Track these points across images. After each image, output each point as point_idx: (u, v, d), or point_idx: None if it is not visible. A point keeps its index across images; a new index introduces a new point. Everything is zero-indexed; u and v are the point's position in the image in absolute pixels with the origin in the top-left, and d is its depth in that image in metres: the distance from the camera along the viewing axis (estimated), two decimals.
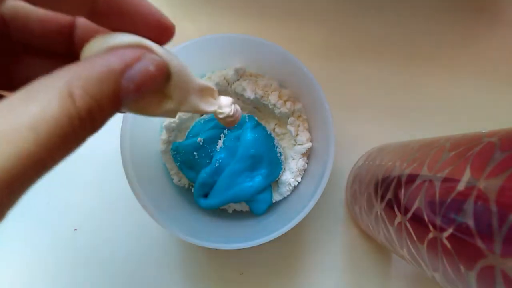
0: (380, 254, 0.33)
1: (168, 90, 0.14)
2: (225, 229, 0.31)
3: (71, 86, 0.11)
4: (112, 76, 0.11)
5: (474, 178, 0.14)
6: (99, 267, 0.33)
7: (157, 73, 0.13)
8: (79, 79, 0.11)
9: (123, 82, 0.12)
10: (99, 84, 0.11)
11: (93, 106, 0.11)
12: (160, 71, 0.13)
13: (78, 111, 0.11)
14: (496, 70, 0.36)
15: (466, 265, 0.14)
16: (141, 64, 0.12)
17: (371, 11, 0.36)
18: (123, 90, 0.12)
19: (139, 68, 0.12)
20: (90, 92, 0.11)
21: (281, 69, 0.30)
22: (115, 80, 0.11)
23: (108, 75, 0.11)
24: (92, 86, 0.11)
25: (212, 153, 0.31)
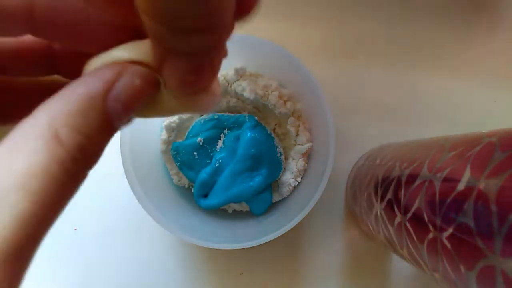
0: (380, 254, 0.33)
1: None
2: (225, 229, 0.31)
3: (54, 127, 0.09)
4: (95, 103, 0.10)
5: (474, 178, 0.14)
6: (99, 267, 0.33)
7: (144, 85, 0.11)
8: (61, 116, 0.10)
9: (108, 105, 0.10)
10: (84, 115, 0.10)
11: (84, 141, 0.10)
12: (147, 82, 0.11)
13: (68, 152, 0.09)
14: (496, 70, 0.36)
15: (466, 265, 0.14)
16: (123, 80, 0.11)
17: (371, 11, 0.36)
18: (111, 113, 0.10)
19: (122, 85, 0.11)
20: (77, 128, 0.10)
21: (281, 69, 0.30)
22: (99, 105, 0.10)
23: (91, 103, 0.10)
24: (77, 120, 0.10)
25: (212, 153, 0.31)
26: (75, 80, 0.11)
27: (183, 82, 0.11)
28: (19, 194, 0.09)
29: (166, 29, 0.09)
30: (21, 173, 0.09)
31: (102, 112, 0.10)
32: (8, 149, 0.09)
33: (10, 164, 0.09)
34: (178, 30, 0.09)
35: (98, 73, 0.11)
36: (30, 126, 0.10)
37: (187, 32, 0.10)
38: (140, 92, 0.11)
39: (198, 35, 0.10)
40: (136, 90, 0.11)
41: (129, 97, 0.11)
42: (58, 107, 0.10)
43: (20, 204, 0.09)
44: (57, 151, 0.09)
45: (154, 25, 0.09)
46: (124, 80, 0.11)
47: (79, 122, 0.10)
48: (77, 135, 0.10)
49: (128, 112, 0.11)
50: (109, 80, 0.11)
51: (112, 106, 0.10)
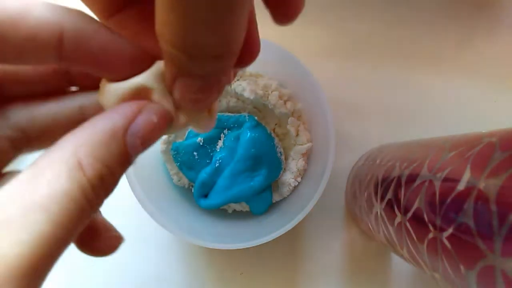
0: (380, 254, 0.33)
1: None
2: (225, 229, 0.31)
3: (77, 156, 0.10)
4: (116, 136, 0.11)
5: (474, 178, 0.14)
6: (99, 267, 0.33)
7: (161, 122, 0.12)
8: (85, 146, 0.10)
9: (128, 139, 0.11)
10: (107, 148, 0.11)
11: (104, 171, 0.11)
12: (163, 119, 0.12)
13: (90, 180, 0.10)
14: (497, 70, 0.36)
15: (466, 265, 0.14)
16: (143, 117, 0.12)
17: (371, 11, 0.36)
18: (129, 147, 0.11)
19: (142, 122, 0.12)
20: (99, 159, 0.10)
21: (281, 69, 0.30)
22: (120, 139, 0.11)
23: (113, 136, 0.11)
24: (100, 151, 0.11)
25: (212, 153, 0.31)
26: (99, 114, 0.12)
27: (192, 99, 0.12)
28: (40, 214, 0.09)
29: (183, 53, 0.10)
30: (45, 195, 0.09)
31: (123, 145, 0.11)
32: (34, 173, 0.10)
33: (35, 187, 0.10)
34: (193, 56, 0.10)
35: (120, 108, 0.12)
36: (55, 153, 0.10)
37: (203, 58, 0.11)
38: (157, 128, 0.12)
39: (211, 60, 0.11)
40: (153, 127, 0.12)
41: (147, 133, 0.12)
42: (82, 138, 0.11)
43: (41, 225, 0.09)
44: (79, 178, 0.10)
45: (171, 49, 0.10)
46: (144, 117, 0.12)
47: (102, 153, 0.11)
48: (99, 165, 0.10)
49: (144, 146, 0.12)
50: (130, 116, 0.11)
51: (131, 141, 0.11)
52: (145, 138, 0.12)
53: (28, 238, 0.09)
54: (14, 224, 0.09)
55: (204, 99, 0.12)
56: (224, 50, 0.10)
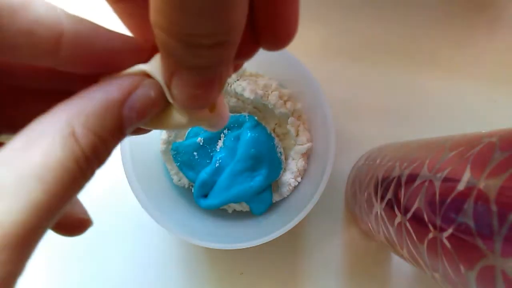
0: (380, 254, 0.33)
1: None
2: (225, 229, 0.31)
3: (72, 125, 0.10)
4: (113, 108, 0.11)
5: (474, 178, 0.14)
6: (99, 267, 0.33)
7: (157, 97, 0.12)
8: (79, 116, 0.10)
9: (124, 112, 0.11)
10: (101, 119, 0.11)
11: (97, 143, 0.11)
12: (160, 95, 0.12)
13: (83, 151, 0.10)
14: (496, 70, 0.36)
15: (466, 265, 0.14)
16: (140, 91, 0.12)
17: (371, 11, 0.36)
18: (125, 119, 0.11)
19: (139, 95, 0.11)
20: (93, 129, 0.10)
21: (281, 69, 0.30)
22: (116, 112, 0.11)
23: (109, 108, 0.11)
24: (94, 122, 0.10)
25: (212, 153, 0.31)
26: (94, 85, 0.11)
27: (191, 96, 0.12)
28: (35, 183, 0.09)
29: (179, 42, 0.10)
30: (39, 164, 0.09)
31: (117, 117, 0.11)
32: (26, 140, 0.10)
33: (28, 155, 0.09)
34: (190, 44, 0.10)
35: (117, 81, 0.12)
36: (49, 122, 0.10)
37: (199, 46, 0.10)
38: (153, 104, 0.12)
39: (209, 50, 0.10)
40: (150, 102, 0.12)
41: (143, 107, 0.12)
42: (77, 107, 0.10)
43: (35, 193, 0.09)
44: (73, 148, 0.10)
45: (166, 38, 0.10)
46: (141, 91, 0.12)
47: (96, 124, 0.10)
48: (93, 136, 0.10)
49: (139, 120, 0.12)
50: (127, 89, 0.11)
51: (126, 114, 0.11)
52: (141, 112, 0.12)
53: (23, 206, 0.09)
54: (8, 192, 0.09)
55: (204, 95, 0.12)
56: (222, 37, 0.10)
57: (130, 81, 0.12)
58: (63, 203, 0.10)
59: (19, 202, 0.09)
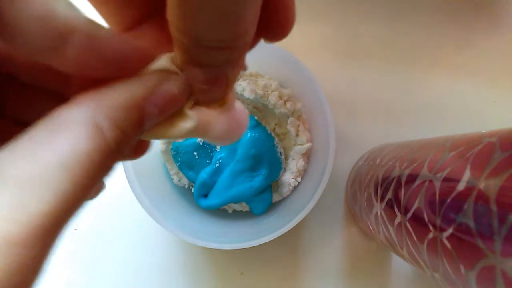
0: (380, 254, 0.33)
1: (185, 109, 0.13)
2: (225, 229, 0.31)
3: (97, 118, 0.10)
4: (136, 103, 0.11)
5: (474, 178, 0.14)
6: (99, 267, 0.33)
7: (180, 96, 0.12)
8: (105, 109, 0.10)
9: (147, 108, 0.11)
10: (125, 113, 0.11)
11: (121, 136, 0.11)
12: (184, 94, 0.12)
13: (108, 143, 0.10)
14: (496, 70, 0.36)
15: (466, 265, 0.14)
16: (164, 88, 0.12)
17: (372, 12, 0.36)
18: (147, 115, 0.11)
19: (163, 91, 0.12)
20: (118, 123, 0.10)
21: (281, 69, 0.30)
22: (140, 106, 0.11)
23: (133, 103, 0.11)
24: (119, 116, 0.11)
25: (212, 153, 0.31)
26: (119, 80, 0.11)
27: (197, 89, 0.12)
28: (62, 174, 0.09)
29: (190, 42, 0.10)
30: (66, 155, 0.09)
31: (141, 112, 0.11)
32: (50, 131, 0.10)
33: (54, 146, 0.09)
34: (200, 45, 0.10)
35: (143, 77, 0.12)
36: (73, 113, 0.10)
37: (211, 48, 0.11)
38: (175, 101, 0.12)
39: (217, 51, 0.11)
40: (173, 99, 0.12)
41: (166, 104, 0.12)
42: (102, 100, 0.11)
43: (63, 184, 0.09)
44: (99, 141, 0.10)
45: (181, 37, 0.10)
46: (165, 88, 0.12)
47: (121, 117, 0.11)
48: (117, 129, 0.10)
49: (159, 117, 0.12)
50: (152, 85, 0.11)
51: (149, 110, 0.11)
52: (163, 109, 0.12)
53: (52, 196, 0.09)
54: (37, 182, 0.09)
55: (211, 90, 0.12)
56: (232, 42, 0.10)
57: (155, 77, 0.12)
58: (87, 194, 0.10)
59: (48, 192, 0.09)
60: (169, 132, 0.13)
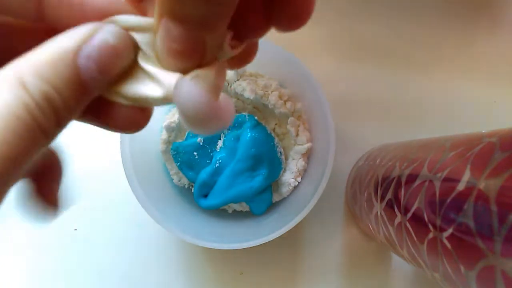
0: (380, 254, 0.33)
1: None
2: (225, 229, 0.31)
3: (20, 73, 0.10)
4: (65, 56, 0.10)
5: (474, 178, 0.14)
6: (99, 267, 0.33)
7: (118, 45, 0.11)
8: (28, 65, 0.10)
9: (80, 61, 0.10)
10: (52, 67, 0.10)
11: (50, 92, 0.10)
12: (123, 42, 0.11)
13: (33, 98, 0.09)
14: (496, 70, 0.36)
15: (466, 265, 0.14)
16: (97, 37, 0.10)
17: (372, 12, 0.36)
18: (83, 70, 0.10)
19: (95, 42, 0.10)
20: (43, 76, 0.10)
21: (281, 69, 0.30)
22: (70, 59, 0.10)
23: (61, 55, 0.10)
24: (44, 69, 0.10)
25: (212, 153, 0.31)
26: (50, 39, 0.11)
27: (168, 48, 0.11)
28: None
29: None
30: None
31: (72, 66, 0.10)
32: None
33: None
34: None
35: (73, 30, 0.11)
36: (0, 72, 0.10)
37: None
38: (113, 52, 0.11)
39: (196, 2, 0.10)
40: (109, 49, 0.11)
41: (102, 56, 0.10)
42: (27, 58, 0.10)
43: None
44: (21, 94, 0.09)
45: None
46: (98, 37, 0.10)
47: (46, 71, 0.10)
48: (43, 83, 0.10)
49: (102, 72, 0.11)
50: (83, 36, 0.10)
51: (84, 63, 0.10)
52: (101, 62, 0.10)
53: None
54: None
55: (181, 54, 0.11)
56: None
57: (86, 28, 0.11)
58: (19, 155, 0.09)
59: None
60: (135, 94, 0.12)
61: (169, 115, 0.31)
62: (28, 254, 0.33)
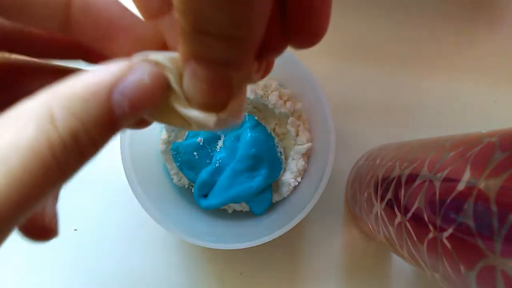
0: (380, 254, 0.33)
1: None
2: (225, 229, 0.31)
3: (51, 106, 0.09)
4: (99, 92, 0.09)
5: (474, 178, 0.14)
6: (99, 267, 0.33)
7: (153, 85, 0.11)
8: (60, 97, 0.09)
9: (114, 98, 0.10)
10: (85, 102, 0.09)
11: (78, 128, 0.09)
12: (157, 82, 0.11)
13: (60, 134, 0.09)
14: (496, 70, 0.36)
15: (466, 265, 0.14)
16: (133, 76, 0.10)
17: (372, 11, 0.36)
18: (116, 108, 0.10)
19: (131, 81, 0.10)
20: (74, 111, 0.09)
21: (281, 69, 0.30)
22: (103, 96, 0.10)
23: (94, 91, 0.09)
24: (76, 104, 0.09)
25: (212, 153, 0.31)
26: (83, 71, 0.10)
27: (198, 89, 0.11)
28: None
29: (191, 26, 0.10)
30: (5, 146, 0.08)
31: (105, 103, 0.10)
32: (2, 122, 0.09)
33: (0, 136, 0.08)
34: (200, 31, 0.10)
35: (110, 65, 0.10)
36: (28, 103, 0.09)
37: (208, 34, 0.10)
38: (148, 91, 0.10)
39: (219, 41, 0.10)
40: (144, 89, 0.10)
41: (136, 94, 0.10)
42: (60, 90, 0.09)
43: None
44: (48, 129, 0.09)
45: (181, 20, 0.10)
46: (134, 75, 0.10)
47: (79, 107, 0.09)
48: (73, 119, 0.09)
49: (134, 110, 0.10)
50: (119, 73, 0.10)
51: (117, 100, 0.10)
52: (134, 101, 0.10)
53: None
54: None
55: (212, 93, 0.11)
56: (235, 32, 0.09)
57: (123, 65, 0.10)
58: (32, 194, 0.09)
59: None
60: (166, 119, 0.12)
61: None
62: (27, 253, 0.33)
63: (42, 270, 0.33)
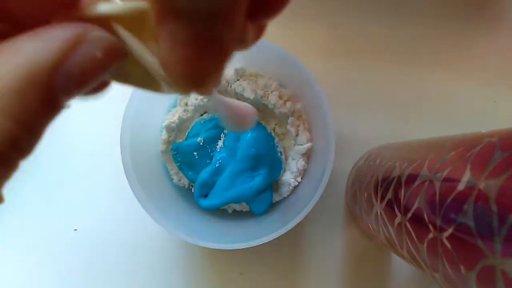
0: (380, 254, 0.33)
1: None
2: (225, 229, 0.31)
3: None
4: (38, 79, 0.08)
5: (474, 178, 0.14)
6: (99, 267, 0.33)
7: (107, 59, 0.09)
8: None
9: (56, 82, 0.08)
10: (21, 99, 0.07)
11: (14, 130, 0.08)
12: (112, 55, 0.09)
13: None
14: (496, 70, 0.36)
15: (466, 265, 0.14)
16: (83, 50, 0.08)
17: (371, 11, 0.36)
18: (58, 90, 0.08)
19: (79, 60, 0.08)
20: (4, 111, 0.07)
21: (281, 69, 0.30)
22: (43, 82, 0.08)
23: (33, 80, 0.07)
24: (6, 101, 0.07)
25: (212, 153, 0.31)
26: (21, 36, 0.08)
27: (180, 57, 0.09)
28: None
29: None
30: None
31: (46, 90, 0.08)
32: None
33: None
34: None
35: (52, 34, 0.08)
36: None
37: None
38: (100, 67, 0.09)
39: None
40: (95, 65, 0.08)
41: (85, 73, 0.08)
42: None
43: None
44: None
45: None
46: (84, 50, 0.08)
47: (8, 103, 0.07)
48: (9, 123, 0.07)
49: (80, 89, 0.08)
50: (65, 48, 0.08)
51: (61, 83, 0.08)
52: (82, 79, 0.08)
53: None
54: None
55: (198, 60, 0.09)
56: None
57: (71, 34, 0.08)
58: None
59: None
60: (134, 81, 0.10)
61: (169, 115, 0.31)
62: (28, 254, 0.33)
63: (42, 270, 0.33)
